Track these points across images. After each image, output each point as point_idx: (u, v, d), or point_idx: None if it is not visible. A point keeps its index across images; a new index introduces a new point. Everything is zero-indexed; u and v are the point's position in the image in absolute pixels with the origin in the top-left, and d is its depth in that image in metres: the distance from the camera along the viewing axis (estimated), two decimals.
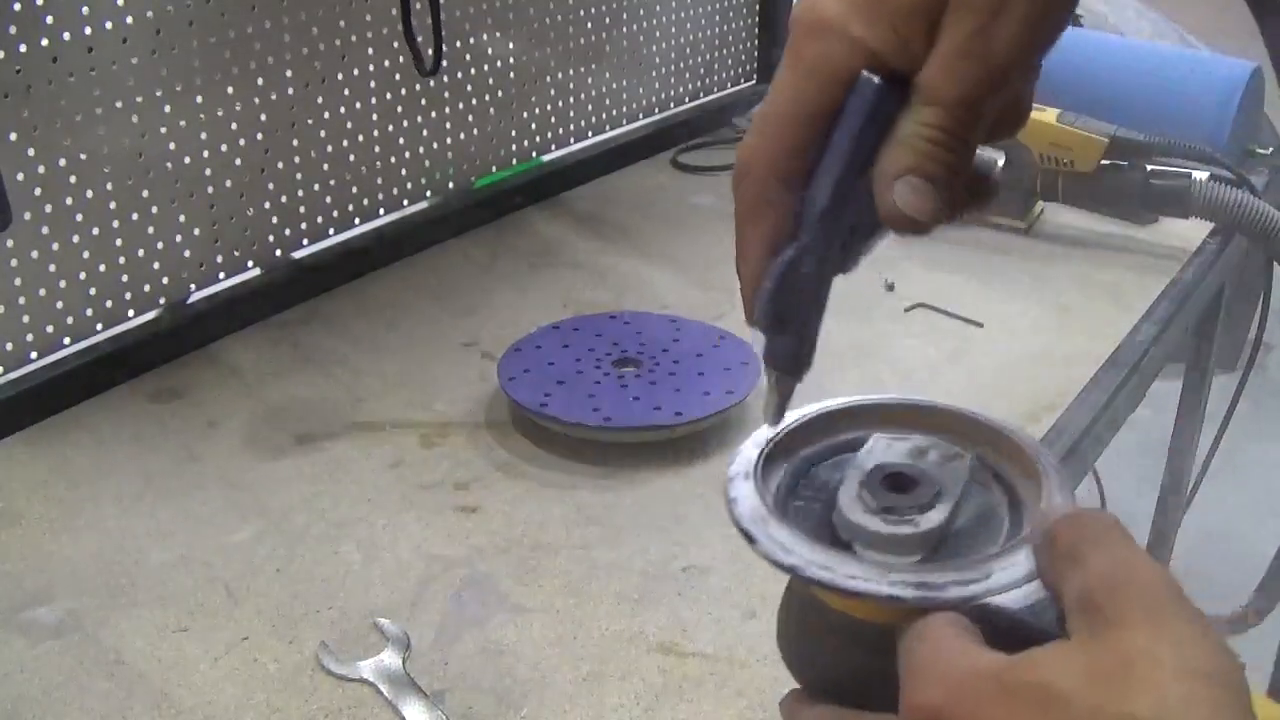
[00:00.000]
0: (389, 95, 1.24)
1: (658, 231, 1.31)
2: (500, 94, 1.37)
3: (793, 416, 0.49)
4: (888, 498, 0.43)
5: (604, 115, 1.52)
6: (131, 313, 1.07)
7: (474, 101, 1.34)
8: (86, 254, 1.02)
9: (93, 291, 1.03)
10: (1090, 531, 0.39)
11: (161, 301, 1.09)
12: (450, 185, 1.34)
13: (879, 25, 0.41)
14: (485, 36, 1.33)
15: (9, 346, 0.98)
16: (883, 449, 0.46)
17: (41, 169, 0.96)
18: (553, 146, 1.47)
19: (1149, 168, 1.20)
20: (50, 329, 1.01)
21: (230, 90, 1.09)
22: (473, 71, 1.33)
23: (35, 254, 0.98)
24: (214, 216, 1.11)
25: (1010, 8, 0.40)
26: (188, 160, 1.08)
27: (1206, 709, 0.32)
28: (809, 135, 0.43)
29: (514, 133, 1.41)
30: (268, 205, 1.16)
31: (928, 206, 0.41)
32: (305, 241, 1.21)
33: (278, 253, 1.19)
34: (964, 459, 0.46)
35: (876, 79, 0.41)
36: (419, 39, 1.15)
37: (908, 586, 0.40)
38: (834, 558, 0.41)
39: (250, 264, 1.16)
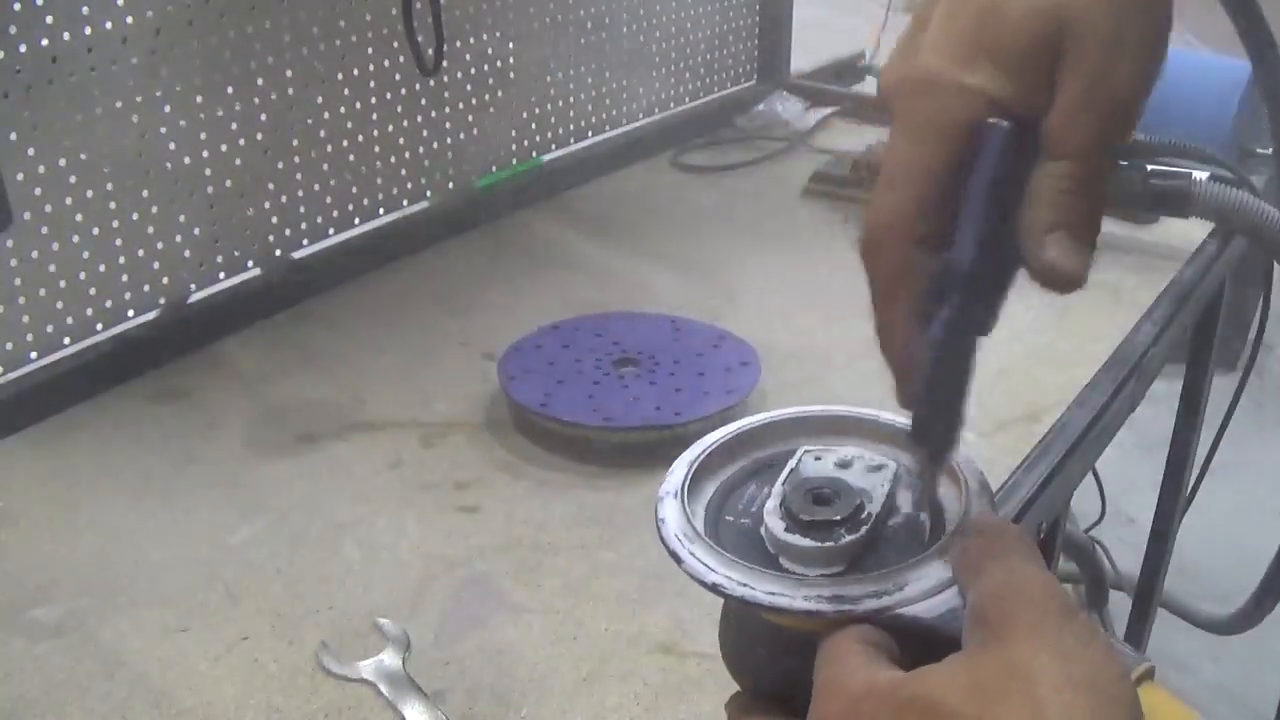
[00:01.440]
0: (389, 95, 1.24)
1: (658, 231, 1.31)
2: (500, 94, 1.37)
3: (715, 435, 0.49)
4: (810, 511, 0.44)
5: (604, 115, 1.52)
6: (131, 313, 1.07)
7: (474, 101, 1.34)
8: (86, 254, 1.02)
9: (93, 291, 1.03)
10: (991, 544, 0.40)
11: (161, 301, 1.09)
12: (450, 185, 1.34)
13: (994, 72, 0.40)
14: (485, 36, 1.33)
15: (9, 346, 0.98)
16: (810, 464, 0.47)
17: (41, 169, 0.96)
18: (553, 146, 1.47)
19: (1149, 168, 1.20)
20: (50, 329, 1.01)
21: (230, 90, 1.09)
22: (473, 71, 1.33)
23: (35, 254, 0.98)
24: (214, 216, 1.11)
25: (1126, 43, 0.39)
26: (188, 160, 1.08)
27: (1084, 716, 0.33)
28: (937, 193, 0.41)
29: (514, 133, 1.41)
30: (268, 205, 1.16)
31: (1081, 260, 0.41)
32: (305, 241, 1.21)
33: (278, 253, 1.19)
34: (887, 469, 0.46)
35: (1004, 124, 0.40)
36: (419, 39, 1.15)
37: (823, 600, 0.41)
38: (755, 575, 0.42)
39: (250, 264, 1.16)
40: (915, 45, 0.42)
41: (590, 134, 1.51)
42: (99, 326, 1.05)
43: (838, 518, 0.44)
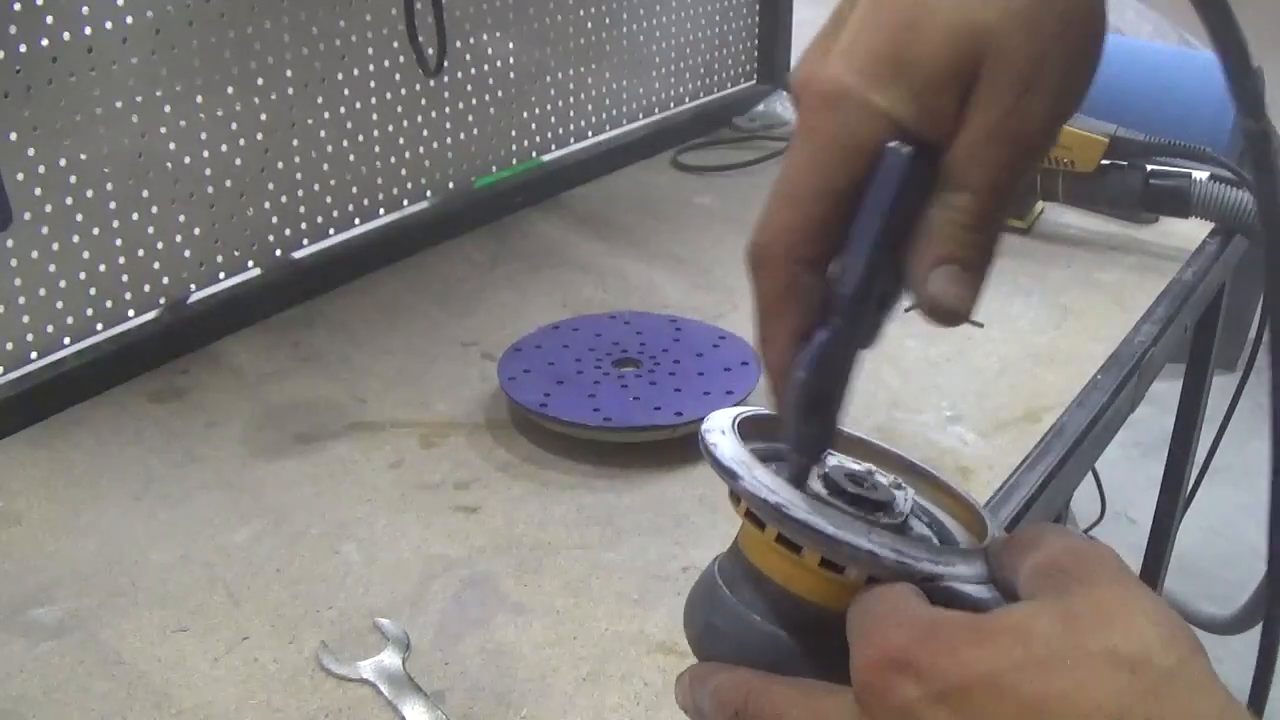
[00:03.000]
0: (389, 95, 1.24)
1: (658, 231, 1.31)
2: (500, 94, 1.37)
3: (746, 410, 0.48)
4: (854, 485, 0.44)
5: (604, 115, 1.52)
6: (131, 313, 1.07)
7: (474, 101, 1.34)
8: (86, 254, 1.02)
9: (93, 291, 1.03)
10: (1045, 528, 0.40)
11: (161, 301, 1.09)
12: (450, 185, 1.34)
13: (903, 95, 0.38)
14: (485, 36, 1.33)
15: (9, 346, 0.98)
16: (835, 459, 0.46)
17: (41, 169, 0.96)
18: (553, 146, 1.47)
19: (1149, 168, 1.20)
20: (50, 329, 1.01)
21: (230, 90, 1.09)
22: (473, 71, 1.33)
23: (35, 254, 0.98)
24: (214, 216, 1.11)
25: (1042, 80, 0.38)
26: (188, 160, 1.08)
27: (1185, 648, 0.33)
28: (831, 213, 0.40)
29: (514, 133, 1.41)
30: (268, 205, 1.16)
31: (968, 295, 0.40)
32: (305, 241, 1.21)
33: (278, 253, 1.19)
34: (906, 491, 0.46)
35: (906, 149, 0.39)
36: (420, 39, 1.15)
37: (887, 548, 0.40)
38: (817, 507, 0.41)
39: (250, 264, 1.16)
40: (829, 45, 0.41)
41: (590, 134, 1.51)
42: (99, 326, 1.05)
43: (879, 499, 0.43)
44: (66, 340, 1.02)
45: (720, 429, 0.44)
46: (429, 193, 1.32)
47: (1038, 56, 0.38)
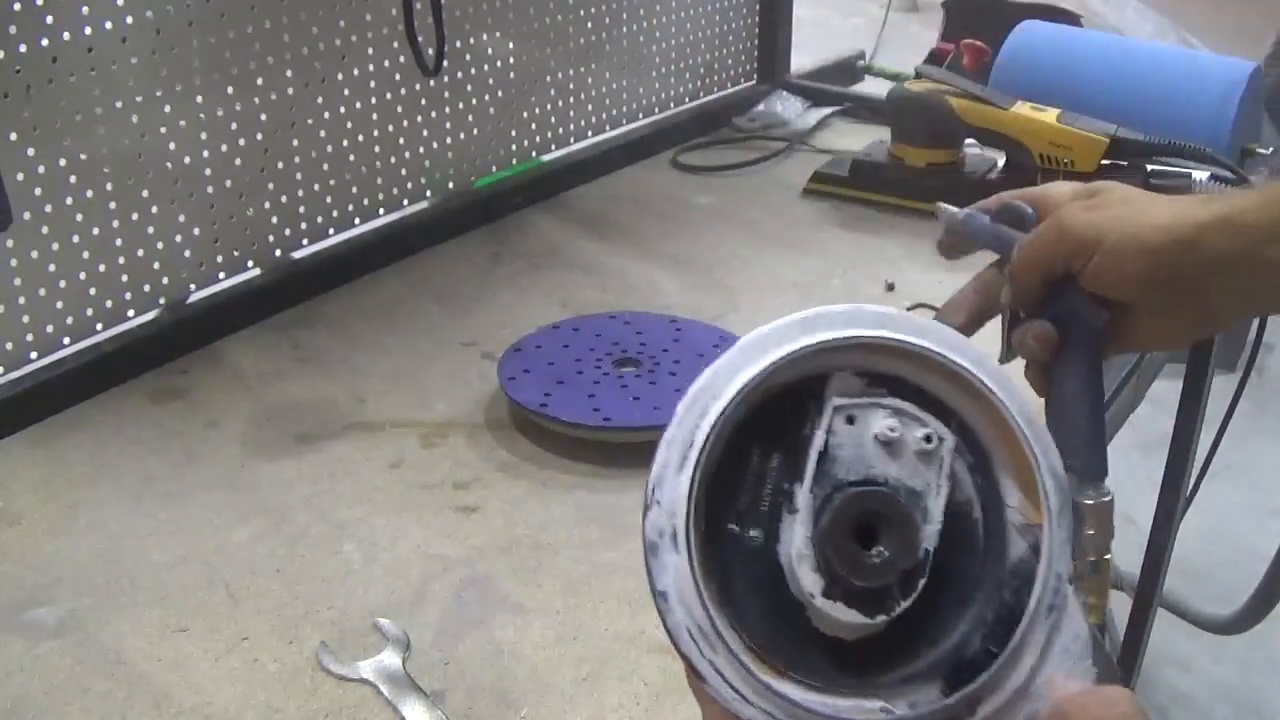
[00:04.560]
0: (389, 95, 1.24)
1: (658, 231, 1.31)
2: (500, 94, 1.37)
3: (732, 385, 0.38)
4: (857, 568, 0.35)
5: (604, 115, 1.52)
6: (131, 313, 1.07)
7: (474, 101, 1.34)
8: (86, 254, 1.02)
9: (93, 291, 1.03)
10: None
11: (161, 301, 1.09)
12: (450, 185, 1.34)
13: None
14: (485, 36, 1.33)
15: (9, 346, 0.98)
16: (844, 437, 0.36)
17: (41, 169, 0.96)
18: (553, 146, 1.47)
19: (1149, 168, 1.20)
20: (50, 329, 1.01)
21: (230, 90, 1.09)
22: (473, 71, 1.33)
23: (35, 254, 0.98)
24: (214, 216, 1.11)
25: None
26: (188, 160, 1.08)
27: None
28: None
29: (514, 133, 1.41)
30: (268, 205, 1.16)
31: None
32: (305, 241, 1.21)
33: (278, 253, 1.19)
34: (944, 447, 0.37)
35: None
36: (419, 39, 1.15)
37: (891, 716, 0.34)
38: (798, 703, 0.34)
39: (250, 264, 1.16)
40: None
41: (590, 134, 1.51)
42: (99, 326, 1.05)
43: (889, 582, 0.35)
44: (66, 340, 1.02)
45: (670, 532, 0.36)
46: (429, 193, 1.32)
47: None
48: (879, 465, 0.36)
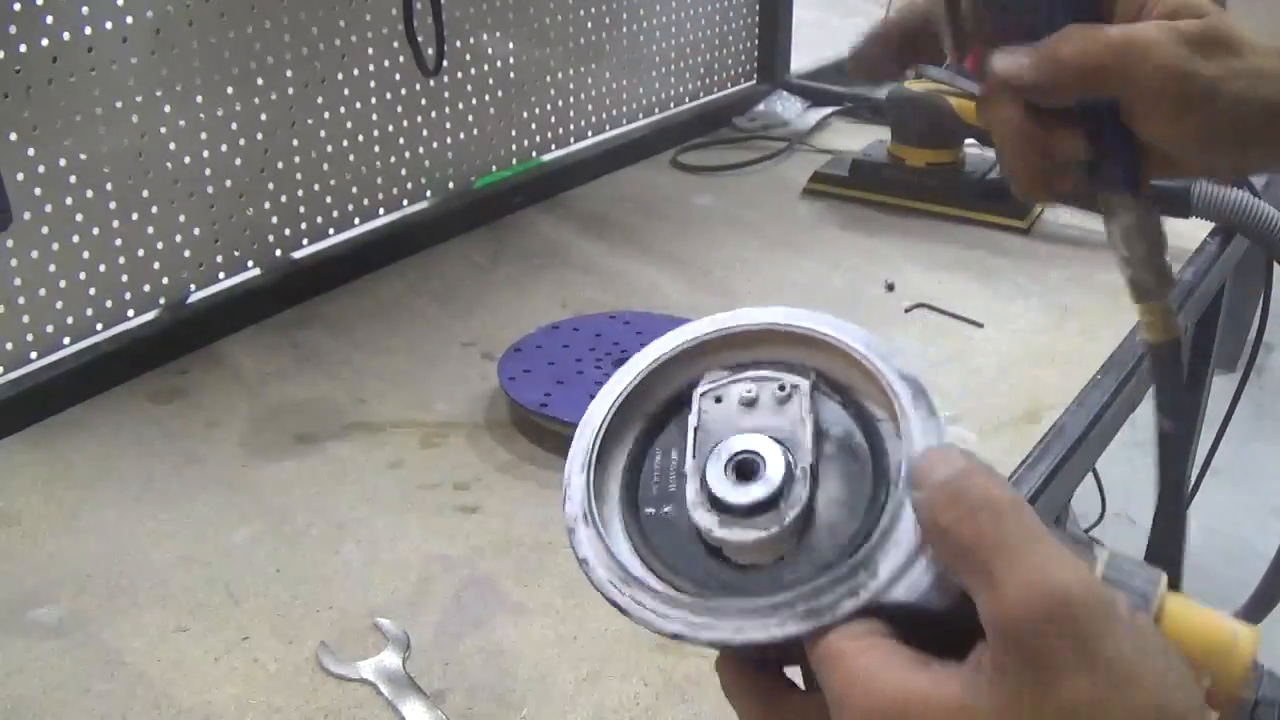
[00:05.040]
0: (389, 95, 1.24)
1: (658, 231, 1.31)
2: (500, 94, 1.37)
3: (598, 411, 0.45)
4: (738, 493, 0.40)
5: (604, 115, 1.52)
6: (131, 313, 1.07)
7: (474, 101, 1.34)
8: (86, 254, 1.02)
9: (93, 291, 1.03)
10: (982, 523, 0.35)
11: (161, 301, 1.09)
12: (450, 185, 1.34)
13: None
14: (485, 36, 1.33)
15: (9, 346, 0.98)
16: (713, 413, 0.43)
17: (41, 169, 0.96)
18: (553, 146, 1.47)
19: None
20: (50, 329, 1.01)
21: (230, 90, 1.09)
22: (473, 71, 1.33)
23: (35, 254, 0.98)
24: (214, 216, 1.11)
25: None
26: (188, 160, 1.08)
27: None
28: None
29: (514, 133, 1.41)
30: (268, 205, 1.16)
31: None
32: (305, 241, 1.21)
33: (278, 253, 1.19)
34: (799, 391, 0.42)
35: None
36: (419, 39, 1.15)
37: (796, 618, 0.37)
38: (713, 609, 0.39)
39: (250, 264, 1.16)
40: None
41: (590, 134, 1.51)
42: (99, 326, 1.05)
43: (768, 495, 0.40)
44: (66, 340, 1.02)
45: (580, 515, 0.43)
46: (429, 193, 1.32)
47: None
48: (743, 421, 0.42)
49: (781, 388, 0.43)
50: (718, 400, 0.43)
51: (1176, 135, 0.47)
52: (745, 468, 0.41)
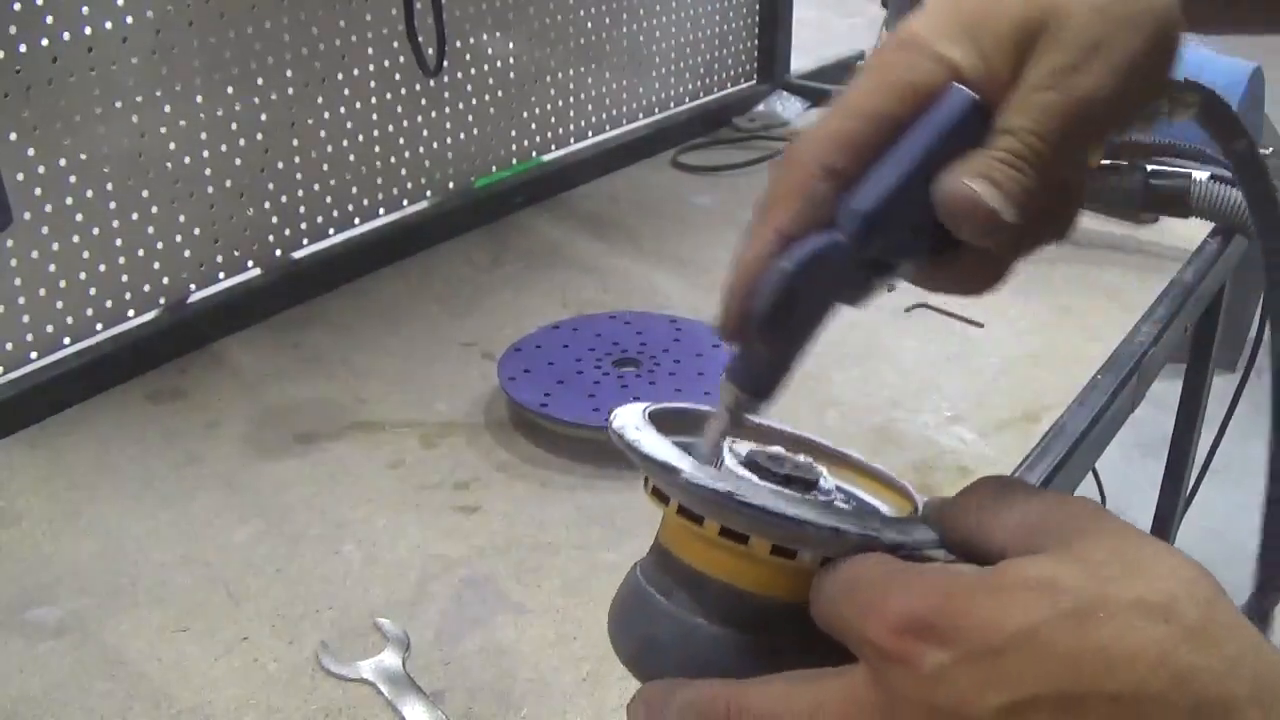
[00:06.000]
0: (389, 95, 1.24)
1: (658, 231, 1.31)
2: (500, 94, 1.37)
3: (648, 405, 0.44)
4: (781, 466, 0.40)
5: (604, 115, 1.52)
6: (131, 313, 1.07)
7: (474, 101, 1.34)
8: (86, 254, 1.02)
9: (93, 291, 1.03)
10: (1005, 484, 0.38)
11: (161, 301, 1.09)
12: (450, 185, 1.34)
13: (970, 49, 0.40)
14: (485, 36, 1.33)
15: (9, 346, 0.98)
16: (744, 444, 0.43)
17: (41, 169, 0.96)
18: (553, 146, 1.47)
19: (1149, 168, 1.20)
20: (50, 329, 1.01)
21: (230, 90, 1.09)
22: (473, 71, 1.33)
23: (35, 254, 0.98)
24: (214, 216, 1.11)
25: (1103, 54, 0.39)
26: (188, 160, 1.08)
27: (1210, 592, 0.33)
28: (870, 134, 0.40)
29: (514, 133, 1.41)
30: (268, 205, 1.16)
31: (996, 202, 0.38)
32: (305, 241, 1.21)
33: (278, 253, 1.19)
34: (818, 468, 0.42)
35: (969, 93, 0.39)
36: (420, 39, 1.15)
37: (849, 524, 0.37)
38: (758, 491, 0.37)
39: (250, 264, 1.16)
40: (915, 14, 0.43)
41: (590, 134, 1.51)
42: (99, 326, 1.05)
43: (807, 477, 0.40)
44: (66, 340, 1.02)
45: (634, 425, 0.41)
46: (429, 193, 1.32)
47: (1102, 28, 0.39)
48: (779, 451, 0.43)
49: (805, 463, 0.42)
50: (747, 443, 0.44)
51: None
52: (778, 459, 0.41)
